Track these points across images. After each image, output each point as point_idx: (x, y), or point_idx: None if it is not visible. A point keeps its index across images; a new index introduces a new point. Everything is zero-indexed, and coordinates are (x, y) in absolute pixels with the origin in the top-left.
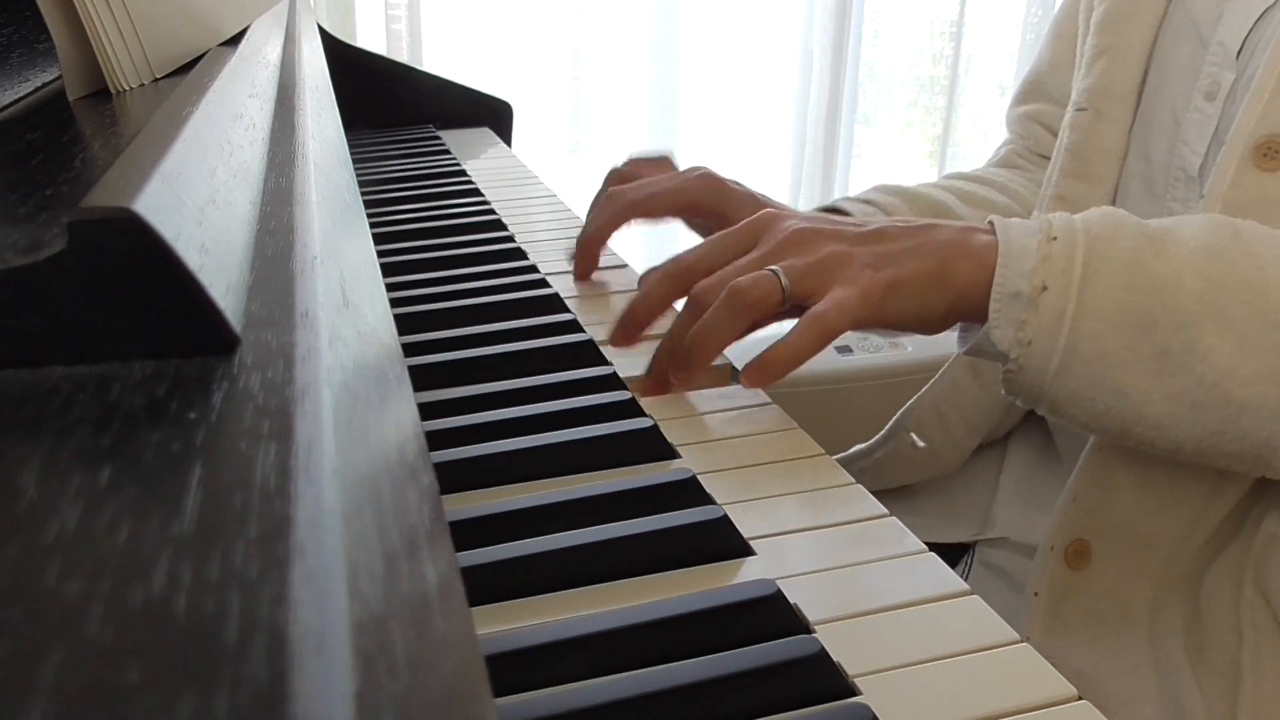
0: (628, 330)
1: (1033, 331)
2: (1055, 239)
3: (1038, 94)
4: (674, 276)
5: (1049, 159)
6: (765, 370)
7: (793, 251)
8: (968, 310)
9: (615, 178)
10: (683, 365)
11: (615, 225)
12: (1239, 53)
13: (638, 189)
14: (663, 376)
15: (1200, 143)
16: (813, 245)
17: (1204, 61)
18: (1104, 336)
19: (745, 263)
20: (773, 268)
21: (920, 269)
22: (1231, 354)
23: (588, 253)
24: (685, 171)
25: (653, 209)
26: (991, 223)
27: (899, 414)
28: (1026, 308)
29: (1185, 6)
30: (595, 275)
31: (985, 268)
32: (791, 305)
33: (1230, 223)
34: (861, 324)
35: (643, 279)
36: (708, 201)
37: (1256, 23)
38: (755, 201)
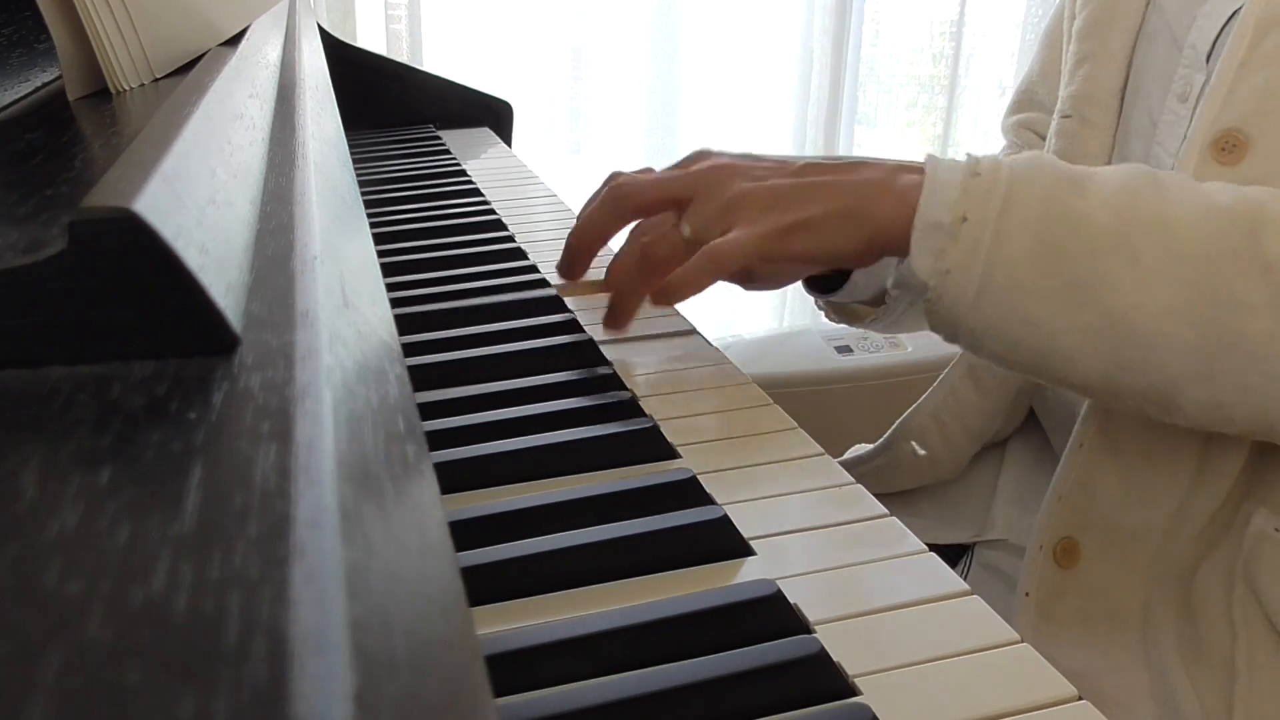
0: (570, 262)
1: (951, 260)
2: (979, 175)
3: (1029, 103)
4: (611, 206)
5: None
6: (666, 294)
7: (704, 192)
8: (887, 245)
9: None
10: (615, 319)
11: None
12: (1209, 55)
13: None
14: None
15: (1174, 144)
16: (724, 185)
17: (1178, 65)
18: (1017, 265)
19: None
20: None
21: (833, 208)
22: (1139, 286)
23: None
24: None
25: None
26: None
27: (898, 422)
28: (946, 237)
29: (1161, 11)
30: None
31: (907, 204)
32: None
33: (1152, 171)
34: (762, 259)
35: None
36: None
37: (1225, 24)
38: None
